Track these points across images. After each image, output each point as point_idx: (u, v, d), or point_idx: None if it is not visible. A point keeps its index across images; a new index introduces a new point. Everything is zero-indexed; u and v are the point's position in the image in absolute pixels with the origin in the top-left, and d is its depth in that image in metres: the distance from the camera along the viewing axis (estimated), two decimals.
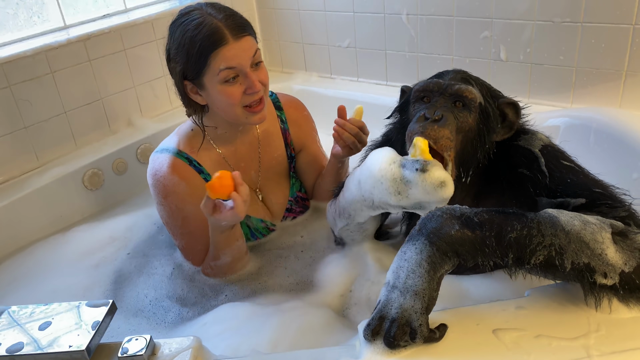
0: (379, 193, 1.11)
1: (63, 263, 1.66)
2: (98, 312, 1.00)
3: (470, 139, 1.16)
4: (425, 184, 1.05)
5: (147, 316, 1.41)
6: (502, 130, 1.19)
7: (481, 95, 1.17)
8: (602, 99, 1.82)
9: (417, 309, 0.86)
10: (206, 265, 1.45)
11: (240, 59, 1.29)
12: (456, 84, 1.16)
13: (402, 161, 1.09)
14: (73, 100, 1.97)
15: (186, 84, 1.35)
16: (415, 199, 1.08)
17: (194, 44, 1.27)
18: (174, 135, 1.50)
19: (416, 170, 1.05)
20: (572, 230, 0.91)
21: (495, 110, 1.17)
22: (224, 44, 1.27)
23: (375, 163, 1.13)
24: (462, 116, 1.14)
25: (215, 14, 1.29)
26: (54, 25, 2.02)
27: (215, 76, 1.29)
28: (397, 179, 1.08)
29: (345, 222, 1.28)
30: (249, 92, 1.32)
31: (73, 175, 1.91)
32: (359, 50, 2.35)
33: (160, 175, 1.41)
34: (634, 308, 0.94)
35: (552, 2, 1.80)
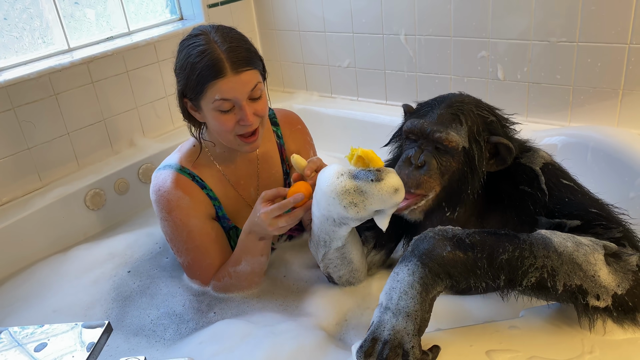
0: (335, 208, 1.11)
1: (64, 282, 1.66)
2: (94, 333, 1.00)
3: (456, 179, 1.17)
4: (381, 193, 1.06)
5: (146, 335, 1.41)
6: (496, 163, 1.18)
7: (467, 136, 1.15)
8: (599, 117, 1.83)
9: (409, 330, 0.86)
10: (221, 274, 1.44)
11: (237, 92, 1.30)
12: (437, 131, 1.15)
13: (352, 172, 1.10)
14: (76, 122, 2.00)
15: (186, 101, 1.38)
16: (372, 208, 1.09)
17: (194, 70, 1.29)
18: (176, 152, 1.52)
19: (371, 181, 1.06)
20: (565, 251, 0.91)
21: (483, 150, 1.16)
22: (222, 76, 1.28)
23: (323, 181, 1.13)
24: (445, 160, 1.15)
25: (220, 44, 1.29)
26: (59, 48, 2.06)
27: (210, 103, 1.31)
28: (350, 191, 1.08)
29: (324, 249, 1.26)
30: (241, 124, 1.33)
31: (75, 195, 1.93)
32: (358, 70, 2.37)
33: (163, 190, 1.43)
34: (629, 329, 0.94)
35: (548, 22, 1.82)
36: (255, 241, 1.37)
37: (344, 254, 1.28)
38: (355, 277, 1.36)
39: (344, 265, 1.31)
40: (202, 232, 1.43)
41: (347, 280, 1.37)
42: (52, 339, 0.99)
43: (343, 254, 1.29)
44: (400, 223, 1.38)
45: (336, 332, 1.26)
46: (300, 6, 2.42)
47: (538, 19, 1.83)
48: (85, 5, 2.11)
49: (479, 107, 1.20)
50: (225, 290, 1.45)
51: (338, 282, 1.38)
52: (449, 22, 2.02)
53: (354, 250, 1.29)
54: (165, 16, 2.42)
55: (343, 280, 1.37)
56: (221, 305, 1.43)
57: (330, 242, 1.23)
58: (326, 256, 1.28)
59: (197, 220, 1.42)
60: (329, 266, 1.32)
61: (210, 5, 2.39)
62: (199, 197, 1.45)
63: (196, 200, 1.44)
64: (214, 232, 1.46)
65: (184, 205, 1.42)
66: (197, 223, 1.42)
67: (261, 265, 1.43)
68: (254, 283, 1.46)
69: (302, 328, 1.22)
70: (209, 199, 1.47)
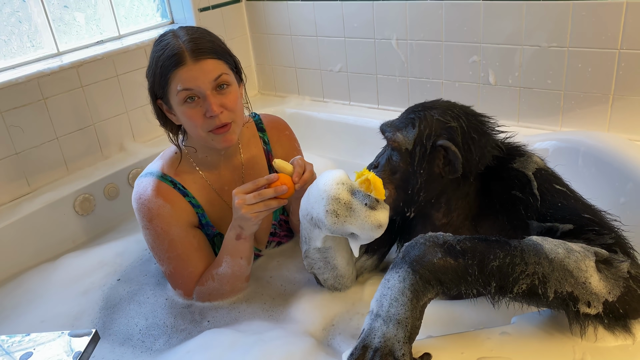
0: (318, 208, 1.12)
1: (52, 291, 1.64)
2: (80, 342, 0.99)
3: (405, 180, 1.20)
4: (366, 221, 1.07)
5: (134, 345, 1.39)
6: (449, 170, 1.17)
7: (414, 139, 1.17)
8: (590, 122, 1.84)
9: (399, 338, 0.86)
10: (205, 278, 1.43)
11: (198, 81, 1.29)
12: (388, 132, 1.22)
13: (353, 188, 1.11)
14: (65, 126, 1.98)
15: (160, 103, 1.38)
16: (349, 228, 1.09)
17: (158, 64, 1.31)
18: (158, 159, 1.50)
19: (364, 205, 1.08)
20: (556, 258, 0.90)
21: (427, 153, 1.17)
22: (182, 65, 1.28)
23: (323, 179, 1.14)
24: (394, 161, 1.21)
25: (182, 37, 1.32)
26: (48, 52, 2.04)
27: (175, 96, 1.31)
28: (340, 201, 1.09)
29: (305, 246, 1.27)
30: (207, 116, 1.31)
31: (64, 200, 1.91)
32: (350, 75, 2.37)
33: (144, 198, 1.41)
34: (620, 336, 0.93)
35: (538, 27, 1.82)
36: (232, 239, 1.36)
37: (326, 257, 1.28)
38: (340, 282, 1.36)
39: (327, 269, 1.31)
40: (184, 241, 1.42)
41: (332, 285, 1.36)
42: (38, 348, 0.98)
43: (326, 258, 1.28)
44: (393, 228, 1.38)
45: (325, 338, 1.25)
46: (292, 10, 2.42)
47: (529, 23, 1.83)
48: (74, 9, 2.09)
49: (446, 113, 1.18)
50: (210, 297, 1.44)
51: (324, 284, 1.37)
52: (441, 27, 2.03)
53: (338, 257, 1.29)
54: (156, 20, 2.41)
55: (328, 284, 1.36)
56: (213, 313, 1.42)
57: (309, 241, 1.24)
58: (308, 254, 1.28)
59: (179, 229, 1.41)
60: (313, 267, 1.31)
61: (202, 9, 2.38)
62: (180, 205, 1.43)
63: (177, 208, 1.42)
64: (195, 240, 1.44)
65: (165, 214, 1.40)
66: (179, 232, 1.41)
67: (241, 268, 1.41)
68: (237, 289, 1.44)
69: (291, 335, 1.21)
70: (191, 206, 1.45)
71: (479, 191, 1.22)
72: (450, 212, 1.24)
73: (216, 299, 1.44)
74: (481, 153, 1.17)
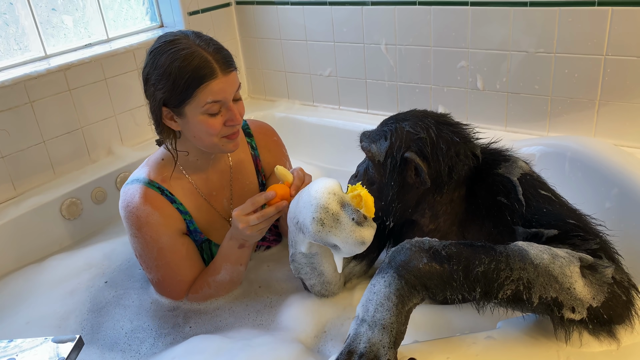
0: (305, 213, 1.11)
1: (38, 293, 1.62)
2: (64, 348, 0.98)
3: (380, 190, 1.24)
4: (350, 235, 1.06)
5: (122, 349, 1.38)
6: (420, 182, 1.18)
7: (386, 151, 1.20)
8: (577, 127, 1.85)
9: (385, 343, 0.86)
10: (199, 285, 1.42)
11: (227, 93, 1.29)
12: (364, 143, 1.26)
13: (344, 201, 1.10)
14: (52, 130, 1.97)
15: (164, 109, 1.33)
16: (332, 239, 1.08)
17: (182, 74, 1.25)
18: (143, 165, 1.48)
19: (352, 219, 1.07)
20: (541, 263, 0.91)
21: (397, 165, 1.19)
22: (214, 77, 1.26)
23: (316, 187, 1.13)
24: (371, 172, 1.26)
25: (205, 46, 1.28)
26: (35, 54, 2.03)
27: (199, 107, 1.28)
28: (329, 211, 1.08)
29: (291, 250, 1.26)
30: (229, 124, 1.32)
31: (51, 204, 1.89)
32: (340, 79, 2.37)
33: (132, 206, 1.40)
34: (605, 341, 0.94)
35: (526, 32, 1.84)
36: (235, 248, 1.37)
37: (313, 263, 1.27)
38: (327, 289, 1.35)
39: (314, 275, 1.31)
40: (173, 249, 1.41)
41: (319, 291, 1.36)
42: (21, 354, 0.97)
43: (312, 264, 1.28)
44: (382, 233, 1.38)
45: (314, 345, 1.25)
46: (282, 15, 2.42)
47: (516, 29, 1.85)
48: (62, 12, 2.08)
49: (417, 124, 1.19)
50: (203, 300, 1.44)
51: (311, 290, 1.37)
52: (429, 32, 2.04)
53: (325, 263, 1.28)
54: (145, 23, 2.40)
55: (315, 290, 1.36)
56: (196, 318, 1.41)
57: (295, 244, 1.23)
58: (294, 258, 1.28)
59: (167, 237, 1.40)
60: (300, 272, 1.31)
61: (191, 13, 2.38)
62: (168, 212, 1.42)
63: (166, 215, 1.41)
64: (184, 248, 1.43)
65: (154, 222, 1.39)
66: (167, 240, 1.40)
67: (239, 275, 1.43)
68: (230, 291, 1.46)
69: (279, 341, 1.21)
70: (179, 213, 1.44)
71: (464, 197, 1.23)
72: (436, 218, 1.25)
73: (210, 298, 1.44)
74: (451, 163, 1.17)
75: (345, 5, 2.21)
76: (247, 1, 2.51)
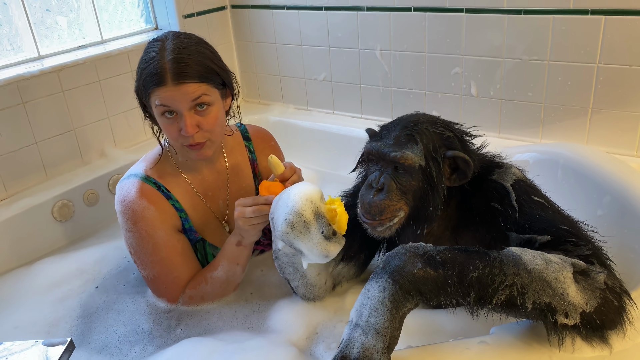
0: (280, 213, 1.14)
1: (27, 297, 1.61)
2: (54, 352, 0.97)
3: (419, 197, 1.17)
4: (315, 247, 1.10)
5: (111, 352, 1.37)
6: (457, 178, 1.18)
7: (424, 153, 1.15)
8: (569, 135, 1.86)
9: (378, 348, 0.86)
10: (198, 280, 1.42)
11: (176, 101, 1.29)
12: (393, 152, 1.15)
13: (319, 212, 1.12)
14: (45, 131, 1.95)
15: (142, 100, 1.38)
16: (297, 244, 1.11)
17: (142, 75, 1.32)
18: (141, 161, 1.49)
19: (320, 233, 1.10)
20: (535, 269, 0.91)
21: (441, 166, 1.17)
22: (162, 85, 1.28)
23: (297, 190, 1.15)
24: (404, 180, 1.15)
25: (169, 53, 1.29)
26: (28, 55, 2.01)
27: (154, 107, 1.32)
28: (301, 216, 1.10)
29: (274, 246, 1.26)
30: (182, 133, 1.32)
31: (42, 206, 1.87)
32: (334, 84, 2.38)
33: (128, 200, 1.39)
34: (597, 347, 0.94)
35: (520, 40, 1.85)
36: (233, 244, 1.38)
37: (294, 263, 1.27)
38: (312, 292, 1.34)
39: (296, 276, 1.30)
40: (168, 245, 1.40)
41: (304, 294, 1.35)
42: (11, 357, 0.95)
43: (294, 264, 1.27)
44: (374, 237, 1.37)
45: (306, 346, 1.24)
46: (277, 19, 2.42)
47: (510, 37, 1.86)
48: (57, 13, 2.07)
49: (435, 124, 1.20)
50: (199, 300, 1.43)
51: (297, 292, 1.36)
52: (424, 38, 2.04)
53: (312, 269, 1.29)
54: (139, 25, 2.39)
55: (300, 293, 1.35)
56: (187, 320, 1.40)
57: (274, 242, 1.24)
58: (277, 255, 1.27)
59: (163, 233, 1.40)
60: (284, 271, 1.30)
61: (186, 16, 2.38)
62: (164, 208, 1.42)
63: (162, 210, 1.41)
64: (180, 244, 1.43)
65: (150, 216, 1.39)
66: (163, 235, 1.40)
67: (235, 275, 1.42)
68: (226, 294, 1.45)
69: (272, 344, 1.20)
70: (174, 210, 1.44)
71: (459, 203, 1.23)
72: (431, 223, 1.25)
73: (203, 302, 1.43)
74: (477, 157, 1.21)
75: (340, 10, 2.21)
76: (242, 5, 2.51)
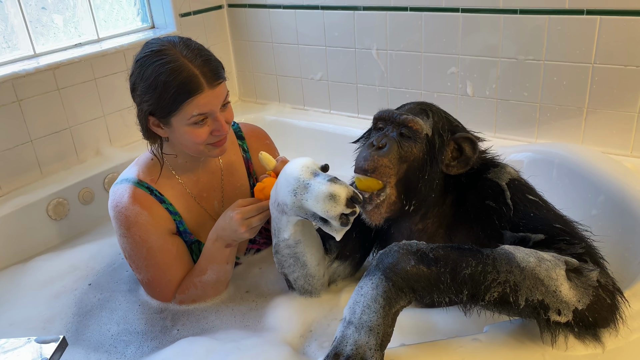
0: (282, 190, 1.15)
1: (22, 295, 1.60)
2: (47, 349, 0.97)
3: (415, 169, 1.17)
4: (317, 193, 1.08)
5: (107, 350, 1.37)
6: (458, 165, 1.20)
7: (432, 127, 1.18)
8: (565, 135, 1.87)
9: (371, 345, 0.86)
10: (186, 286, 1.42)
11: (213, 105, 1.29)
12: (404, 114, 1.18)
13: (316, 171, 1.13)
14: (40, 129, 1.95)
15: (150, 118, 1.33)
16: (306, 204, 1.11)
17: (168, 89, 1.24)
18: (133, 165, 1.48)
19: (324, 179, 1.10)
20: (527, 266, 0.91)
21: (445, 143, 1.18)
22: (200, 92, 1.26)
23: (291, 164, 1.17)
24: (407, 146, 1.16)
25: (192, 58, 1.26)
26: (24, 53, 2.01)
27: (185, 119, 1.29)
28: (300, 179, 1.12)
29: (274, 240, 1.27)
30: (215, 134, 1.33)
31: (37, 204, 1.87)
32: (331, 83, 2.38)
33: (121, 206, 1.39)
34: (590, 345, 0.94)
35: (515, 40, 1.85)
36: (222, 248, 1.37)
37: (296, 253, 1.27)
38: (310, 284, 1.34)
39: (297, 266, 1.30)
40: (163, 249, 1.40)
41: (302, 286, 1.35)
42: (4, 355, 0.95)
43: (295, 254, 1.27)
44: (368, 234, 1.38)
45: (300, 344, 1.24)
46: (274, 18, 2.42)
47: (506, 36, 1.86)
48: (53, 11, 2.07)
49: (447, 114, 1.25)
50: (191, 302, 1.43)
51: (294, 286, 1.36)
52: (420, 38, 2.05)
53: (307, 254, 1.29)
54: (136, 24, 2.39)
55: (298, 285, 1.35)
56: (183, 320, 1.40)
57: (279, 232, 1.24)
58: (278, 249, 1.27)
59: (157, 237, 1.39)
60: (284, 265, 1.30)
61: (183, 15, 2.37)
62: (158, 212, 1.41)
63: (155, 215, 1.40)
64: (174, 248, 1.42)
65: (143, 221, 1.38)
66: (157, 240, 1.39)
67: (226, 273, 1.42)
68: (219, 292, 1.45)
69: (267, 344, 1.20)
70: (168, 213, 1.43)
71: (454, 201, 1.23)
72: (425, 219, 1.25)
73: (197, 302, 1.43)
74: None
75: (337, 9, 2.21)
76: (239, 4, 2.51)
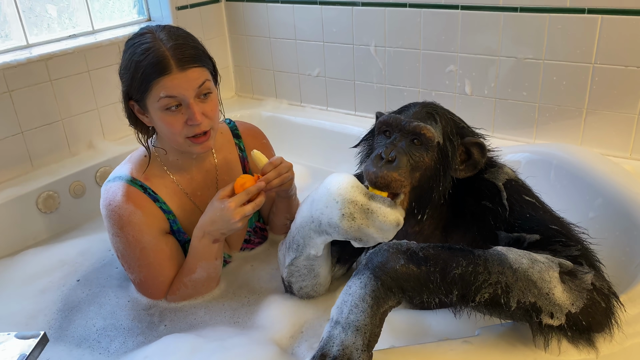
0: (330, 212, 1.07)
1: (8, 289, 1.58)
2: (26, 344, 0.95)
3: (427, 177, 1.13)
4: (385, 221, 1.04)
5: (90, 345, 1.35)
6: (466, 169, 1.16)
7: (442, 133, 1.13)
8: (563, 135, 1.84)
9: (358, 345, 0.83)
10: (176, 287, 1.40)
11: (182, 89, 1.26)
12: (414, 121, 1.12)
13: (369, 193, 1.07)
14: (31, 120, 1.92)
15: (132, 104, 1.33)
16: (365, 230, 1.05)
17: (139, 68, 1.25)
18: (126, 162, 1.45)
19: (384, 204, 1.05)
20: (520, 268, 0.89)
21: (456, 149, 1.14)
22: (167, 73, 1.24)
23: (334, 183, 1.09)
24: (417, 155, 1.11)
25: (166, 41, 1.26)
26: (16, 43, 1.98)
27: (155, 103, 1.27)
28: (357, 204, 1.05)
29: (294, 254, 1.23)
30: (189, 123, 1.29)
31: (27, 197, 1.84)
32: (328, 80, 2.35)
33: (114, 205, 1.36)
34: (583, 350, 0.92)
35: (515, 39, 1.82)
36: (209, 245, 1.34)
37: (313, 266, 1.25)
38: (316, 290, 1.33)
39: (309, 277, 1.28)
40: (156, 249, 1.37)
41: (307, 293, 1.33)
42: None
43: (312, 266, 1.25)
44: None
45: (289, 345, 1.22)
46: (272, 12, 2.39)
47: (506, 35, 1.83)
48: (46, 1, 2.04)
49: (451, 113, 1.21)
50: (183, 299, 1.41)
51: (297, 293, 1.34)
52: (419, 35, 2.02)
53: (323, 265, 1.27)
54: (132, 16, 2.36)
55: (302, 293, 1.33)
56: (171, 316, 1.38)
57: (303, 248, 1.20)
58: (294, 263, 1.24)
59: (150, 237, 1.36)
60: (293, 274, 1.28)
61: (179, 8, 2.35)
62: (151, 211, 1.38)
63: (149, 214, 1.37)
64: (168, 247, 1.40)
65: (136, 221, 1.35)
66: (151, 240, 1.36)
67: (216, 269, 1.40)
68: (211, 288, 1.43)
69: (254, 342, 1.18)
70: (162, 212, 1.41)
71: (450, 201, 1.21)
72: (422, 221, 1.22)
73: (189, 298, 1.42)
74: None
75: (335, 5, 2.19)
76: None
